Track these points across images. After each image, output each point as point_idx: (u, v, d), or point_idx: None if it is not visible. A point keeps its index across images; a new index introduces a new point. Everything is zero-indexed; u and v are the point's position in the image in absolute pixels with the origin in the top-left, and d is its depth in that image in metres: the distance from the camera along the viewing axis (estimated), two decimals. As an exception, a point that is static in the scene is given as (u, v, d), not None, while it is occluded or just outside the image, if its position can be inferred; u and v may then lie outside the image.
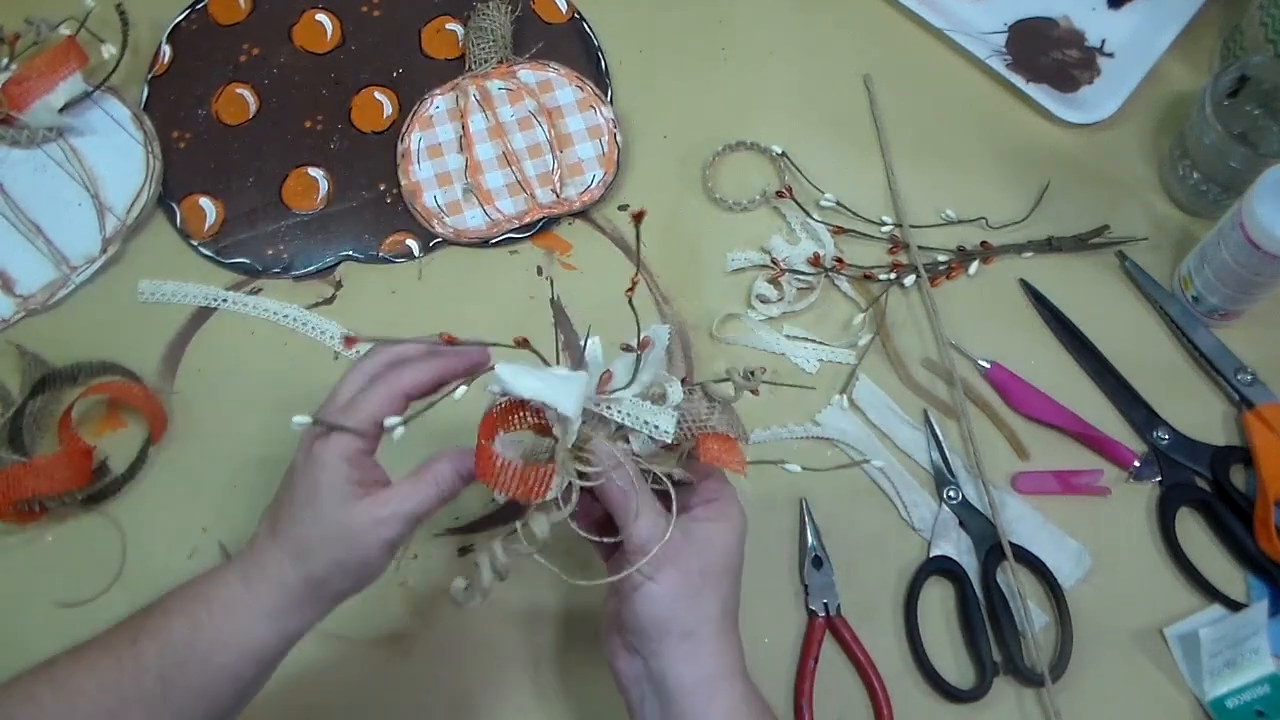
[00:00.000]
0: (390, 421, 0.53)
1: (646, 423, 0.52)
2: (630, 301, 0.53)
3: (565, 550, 0.58)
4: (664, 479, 0.53)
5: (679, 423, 0.54)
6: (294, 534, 0.52)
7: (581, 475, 0.51)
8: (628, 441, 0.54)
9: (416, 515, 0.52)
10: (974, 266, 0.76)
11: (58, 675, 0.51)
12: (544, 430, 0.52)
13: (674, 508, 0.53)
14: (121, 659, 0.51)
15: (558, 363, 0.55)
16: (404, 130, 0.79)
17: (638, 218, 0.54)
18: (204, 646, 0.51)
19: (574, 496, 0.51)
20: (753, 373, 0.55)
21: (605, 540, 0.54)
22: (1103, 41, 0.82)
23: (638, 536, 0.52)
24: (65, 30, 0.80)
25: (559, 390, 0.51)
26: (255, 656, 0.52)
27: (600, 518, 0.55)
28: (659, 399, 0.54)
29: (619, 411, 0.53)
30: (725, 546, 0.54)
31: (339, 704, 0.66)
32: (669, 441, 0.53)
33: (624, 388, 0.53)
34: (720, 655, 0.53)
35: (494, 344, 0.54)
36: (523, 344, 0.53)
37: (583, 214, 0.78)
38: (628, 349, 0.53)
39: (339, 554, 0.51)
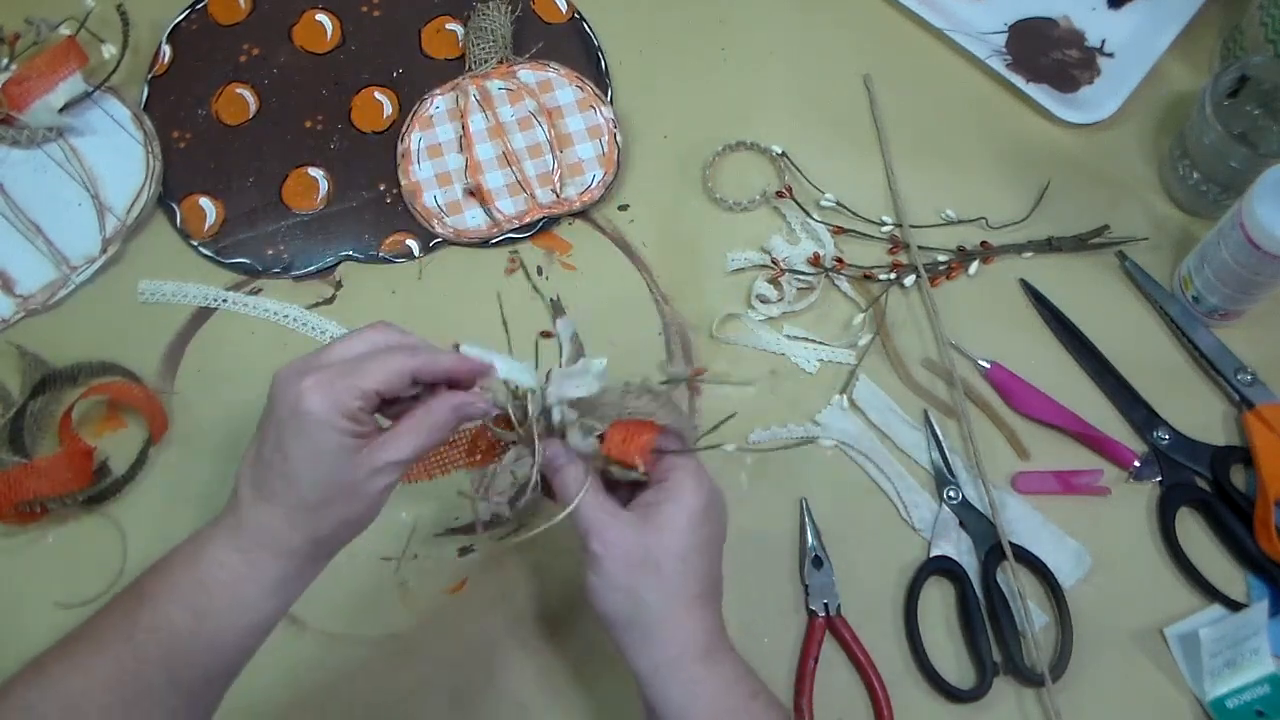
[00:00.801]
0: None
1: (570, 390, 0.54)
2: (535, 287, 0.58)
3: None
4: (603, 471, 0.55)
5: (618, 415, 0.55)
6: (292, 495, 0.50)
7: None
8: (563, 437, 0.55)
9: (412, 461, 0.52)
10: (974, 266, 0.76)
11: (54, 682, 0.49)
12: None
13: (583, 491, 0.53)
14: (120, 658, 0.49)
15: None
16: (404, 130, 0.79)
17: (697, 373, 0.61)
18: (209, 633, 0.50)
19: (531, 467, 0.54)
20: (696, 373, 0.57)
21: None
22: (1103, 41, 0.82)
23: (578, 525, 0.53)
24: (65, 30, 0.80)
25: (518, 368, 0.54)
26: (261, 629, 0.52)
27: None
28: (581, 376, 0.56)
29: (552, 391, 0.55)
30: (678, 527, 0.53)
31: (339, 704, 0.66)
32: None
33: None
34: (672, 640, 0.52)
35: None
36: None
37: (583, 214, 0.78)
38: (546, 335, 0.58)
39: (344, 511, 0.51)
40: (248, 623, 0.51)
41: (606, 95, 0.81)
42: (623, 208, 0.78)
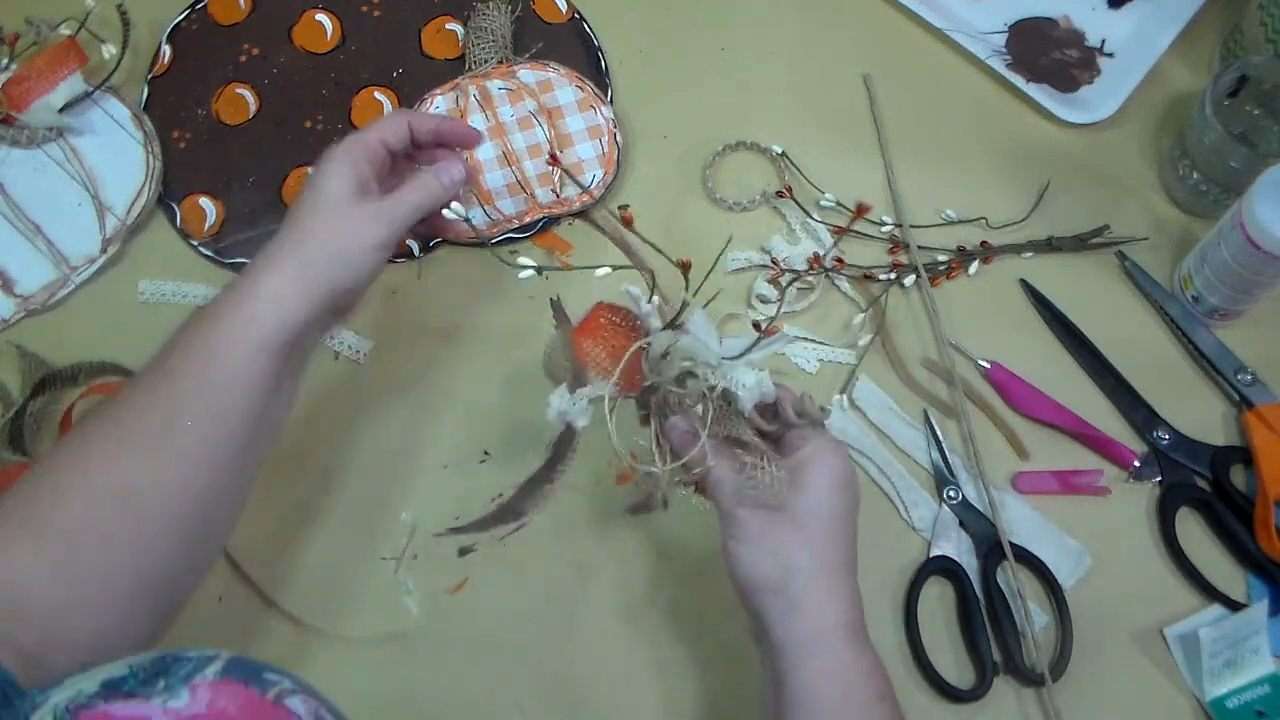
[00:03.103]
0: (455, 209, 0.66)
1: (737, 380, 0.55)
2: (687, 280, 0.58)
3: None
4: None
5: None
6: (295, 224, 0.59)
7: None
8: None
9: (403, 219, 0.62)
10: (974, 266, 0.76)
11: (113, 408, 0.55)
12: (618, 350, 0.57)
13: (704, 452, 0.53)
14: (159, 376, 0.56)
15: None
16: (404, 130, 0.79)
17: (627, 220, 0.61)
18: (221, 342, 0.55)
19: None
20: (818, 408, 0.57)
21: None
22: (1103, 41, 0.82)
23: (714, 494, 0.53)
24: (65, 30, 0.80)
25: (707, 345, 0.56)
26: (263, 345, 0.55)
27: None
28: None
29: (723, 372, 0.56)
30: (823, 489, 0.52)
31: (339, 703, 0.66)
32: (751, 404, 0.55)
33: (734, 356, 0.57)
34: (819, 609, 0.51)
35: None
36: (686, 266, 0.59)
37: (583, 214, 0.78)
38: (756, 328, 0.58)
39: (332, 245, 0.58)
40: (252, 335, 0.55)
41: (606, 95, 0.81)
42: (623, 208, 0.78)
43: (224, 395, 0.55)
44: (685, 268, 0.57)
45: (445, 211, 0.67)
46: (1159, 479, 0.70)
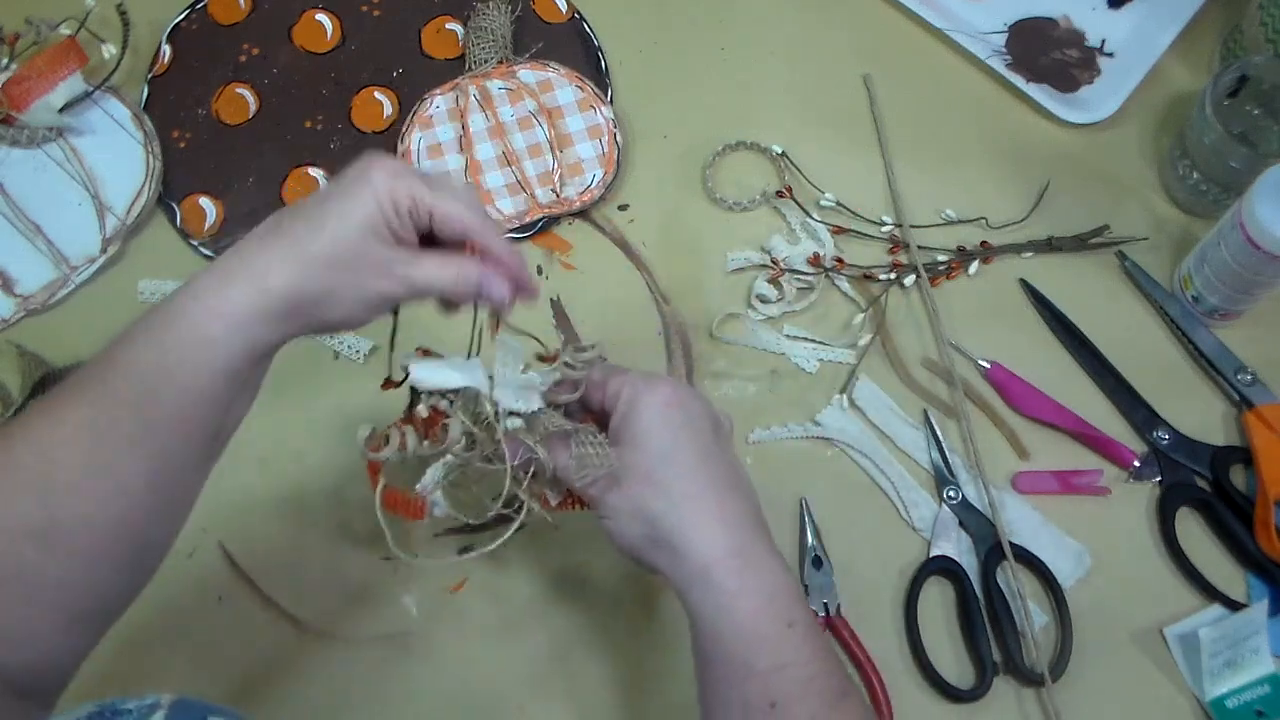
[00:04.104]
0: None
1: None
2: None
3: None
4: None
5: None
6: (305, 238, 0.49)
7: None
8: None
9: (419, 288, 0.51)
10: (974, 266, 0.76)
11: (32, 430, 0.47)
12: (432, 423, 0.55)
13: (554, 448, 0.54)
14: (95, 401, 0.47)
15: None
16: (404, 130, 0.79)
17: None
18: (172, 367, 0.47)
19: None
20: (585, 350, 0.57)
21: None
22: (1103, 41, 0.82)
23: (572, 485, 0.53)
24: (65, 30, 0.80)
25: (465, 374, 0.54)
26: (225, 373, 0.48)
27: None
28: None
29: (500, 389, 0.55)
30: (646, 432, 0.51)
31: (339, 703, 0.66)
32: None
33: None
34: (696, 546, 0.50)
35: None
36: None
37: (583, 214, 0.78)
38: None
39: (338, 282, 0.49)
40: (209, 359, 0.48)
41: (606, 95, 0.81)
42: (623, 208, 0.78)
43: (175, 426, 0.48)
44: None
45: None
46: (1159, 479, 0.70)
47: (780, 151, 0.79)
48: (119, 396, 0.47)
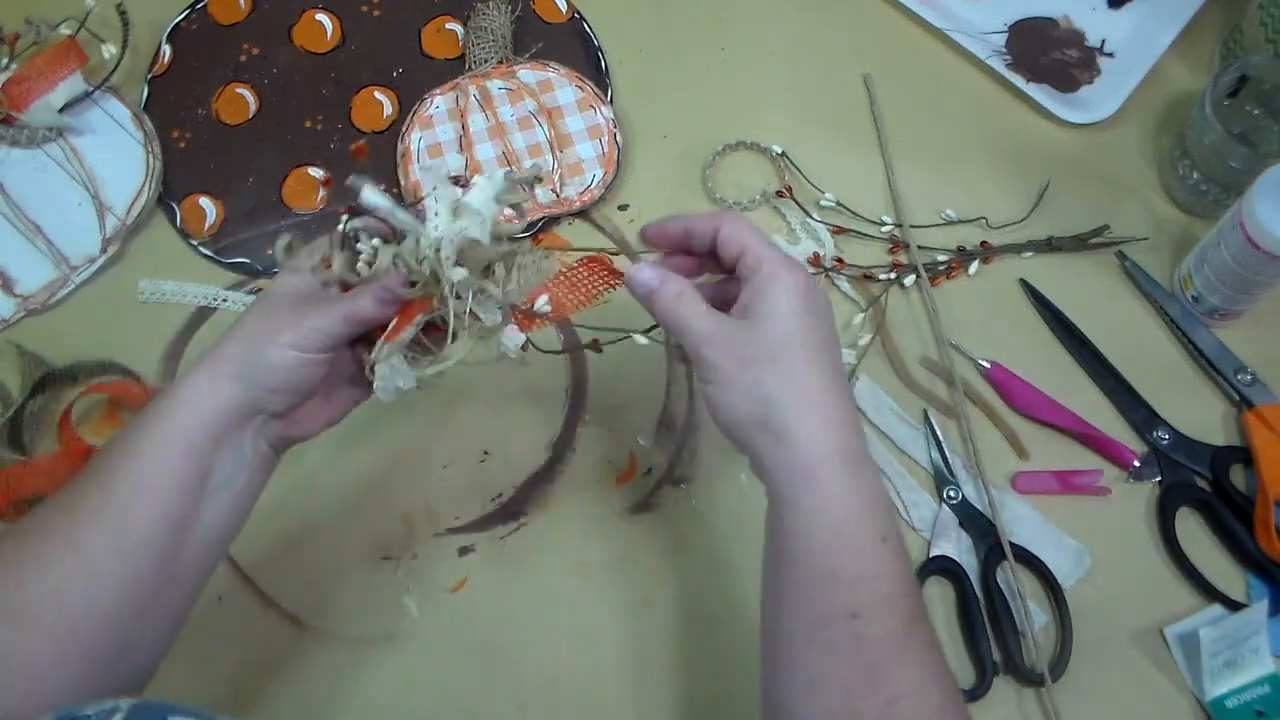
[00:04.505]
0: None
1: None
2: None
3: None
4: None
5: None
6: (231, 326, 0.53)
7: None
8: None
9: (326, 325, 0.51)
10: (974, 266, 0.76)
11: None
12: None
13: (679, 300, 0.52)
14: (69, 482, 0.51)
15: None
16: (404, 130, 0.79)
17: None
18: (129, 438, 0.50)
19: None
20: (538, 178, 0.55)
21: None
22: (1103, 41, 0.82)
23: (686, 336, 0.51)
24: (65, 30, 0.80)
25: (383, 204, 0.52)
26: (176, 443, 0.50)
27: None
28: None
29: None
30: (784, 312, 0.49)
31: (339, 703, 0.66)
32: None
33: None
34: (809, 439, 0.48)
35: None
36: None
37: (583, 214, 0.78)
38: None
39: (249, 340, 0.51)
40: (164, 430, 0.50)
41: (606, 95, 0.81)
42: (623, 208, 0.78)
43: (132, 498, 0.49)
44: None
45: (505, 344, 0.57)
46: (1159, 479, 0.70)
47: (780, 151, 0.79)
48: (88, 472, 0.50)
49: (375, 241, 0.54)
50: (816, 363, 0.49)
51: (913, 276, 0.75)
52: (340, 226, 0.54)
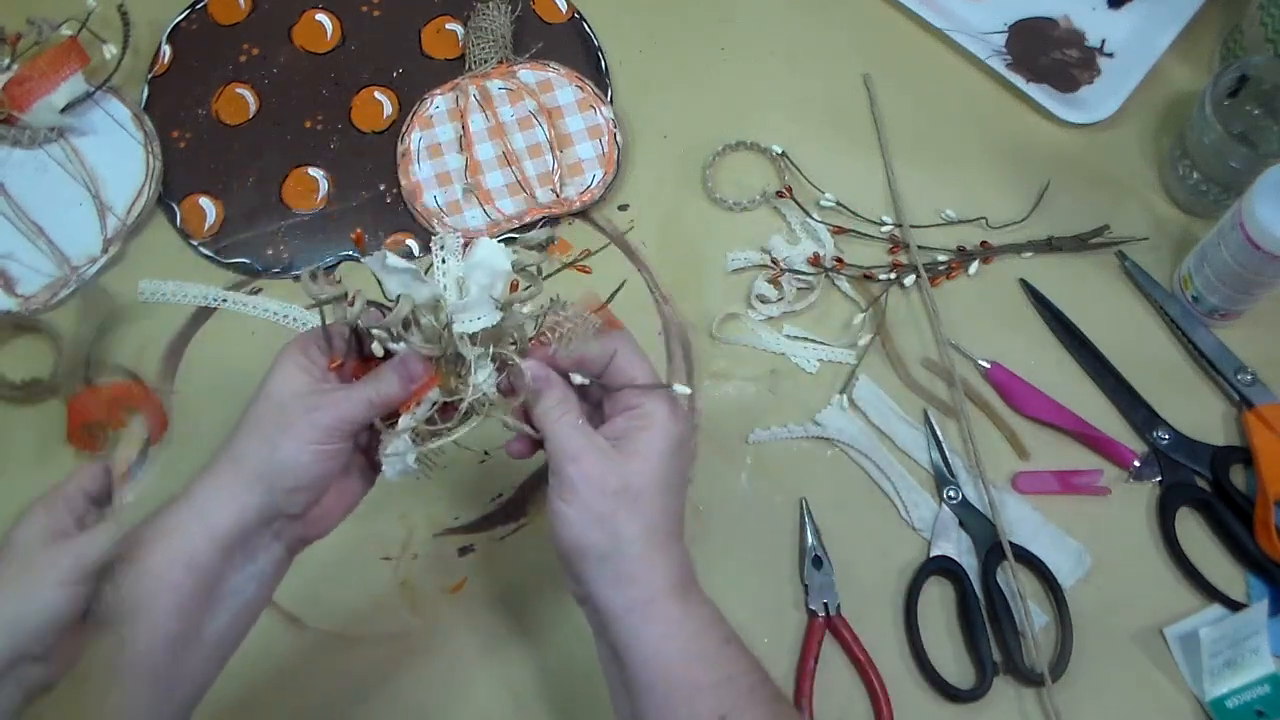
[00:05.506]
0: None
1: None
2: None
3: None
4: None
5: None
6: (236, 428, 0.51)
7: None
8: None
9: (349, 413, 0.50)
10: (974, 266, 0.76)
11: None
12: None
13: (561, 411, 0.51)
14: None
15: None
16: (404, 130, 0.79)
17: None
18: (133, 552, 0.48)
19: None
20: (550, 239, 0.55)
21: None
22: (1103, 41, 0.82)
23: (554, 448, 0.50)
24: (67, 31, 0.80)
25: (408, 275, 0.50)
26: (181, 560, 0.49)
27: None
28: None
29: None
30: (656, 454, 0.50)
31: (339, 703, 0.66)
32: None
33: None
34: (649, 576, 0.49)
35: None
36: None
37: (583, 214, 0.78)
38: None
39: (265, 440, 0.50)
40: (166, 544, 0.48)
41: (606, 95, 0.81)
42: (623, 208, 0.78)
43: (131, 619, 0.47)
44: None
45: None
46: (1159, 479, 0.70)
47: (780, 151, 0.79)
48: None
49: (387, 327, 0.52)
50: (669, 507, 0.51)
51: (913, 276, 0.75)
52: (349, 318, 0.52)
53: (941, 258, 0.76)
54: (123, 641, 0.48)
